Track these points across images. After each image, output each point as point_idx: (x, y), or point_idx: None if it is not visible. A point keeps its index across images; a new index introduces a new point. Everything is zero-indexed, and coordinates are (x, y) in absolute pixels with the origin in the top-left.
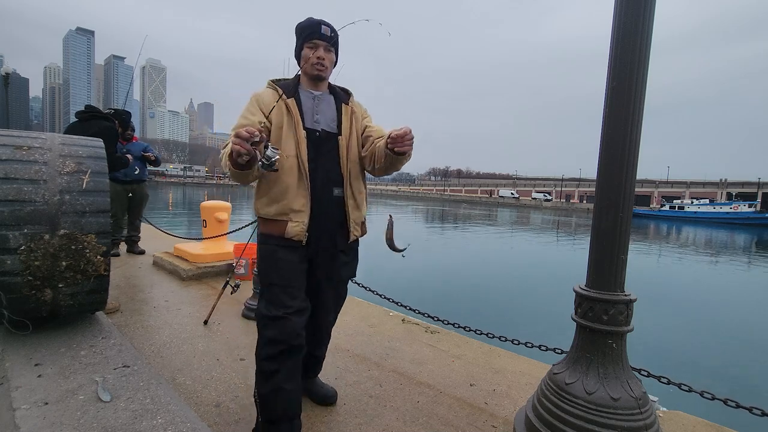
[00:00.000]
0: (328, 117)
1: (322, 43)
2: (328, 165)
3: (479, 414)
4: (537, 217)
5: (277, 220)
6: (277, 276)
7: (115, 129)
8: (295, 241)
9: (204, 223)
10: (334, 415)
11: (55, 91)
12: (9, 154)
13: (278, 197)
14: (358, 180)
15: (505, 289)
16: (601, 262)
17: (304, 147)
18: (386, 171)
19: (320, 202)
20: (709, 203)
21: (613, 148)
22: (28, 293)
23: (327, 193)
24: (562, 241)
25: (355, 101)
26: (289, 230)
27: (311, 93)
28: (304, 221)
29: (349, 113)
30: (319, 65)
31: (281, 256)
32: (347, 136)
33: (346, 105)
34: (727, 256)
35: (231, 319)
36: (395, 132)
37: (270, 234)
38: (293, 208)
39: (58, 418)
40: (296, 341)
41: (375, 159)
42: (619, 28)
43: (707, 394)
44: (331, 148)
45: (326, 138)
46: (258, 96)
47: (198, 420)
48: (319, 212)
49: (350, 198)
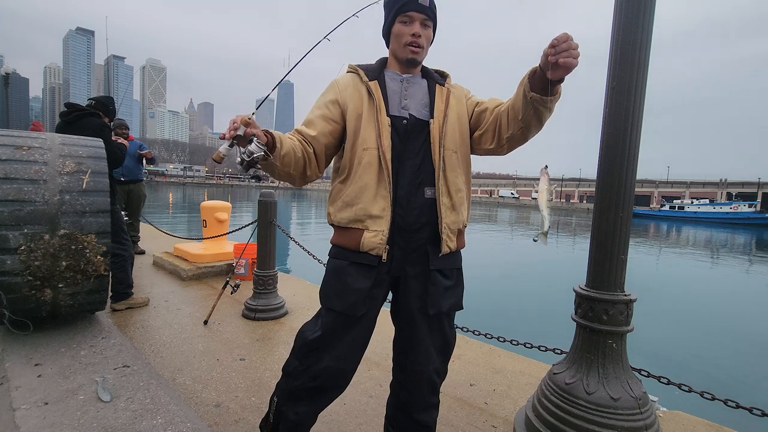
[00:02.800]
0: (418, 102)
1: (420, 16)
2: (419, 158)
3: (479, 414)
4: (537, 216)
5: (351, 228)
6: (338, 301)
7: (107, 125)
8: (373, 256)
9: (204, 223)
10: (334, 415)
11: (55, 91)
12: (9, 154)
13: (353, 200)
14: (457, 174)
15: (505, 289)
16: (601, 262)
17: (387, 137)
18: (525, 133)
19: (407, 206)
20: (709, 203)
21: (613, 148)
22: (28, 293)
23: (416, 194)
24: (562, 241)
25: (453, 83)
26: (366, 241)
27: (398, 75)
28: (384, 230)
29: (445, 94)
30: (414, 45)
31: (349, 277)
32: (440, 121)
33: (441, 86)
34: (727, 256)
35: (231, 319)
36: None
37: (341, 246)
38: (371, 213)
39: (58, 418)
40: (338, 381)
41: (504, 123)
42: (619, 28)
43: (707, 394)
44: (423, 138)
45: (416, 126)
46: (336, 81)
47: (198, 420)
48: (404, 220)
49: (444, 196)
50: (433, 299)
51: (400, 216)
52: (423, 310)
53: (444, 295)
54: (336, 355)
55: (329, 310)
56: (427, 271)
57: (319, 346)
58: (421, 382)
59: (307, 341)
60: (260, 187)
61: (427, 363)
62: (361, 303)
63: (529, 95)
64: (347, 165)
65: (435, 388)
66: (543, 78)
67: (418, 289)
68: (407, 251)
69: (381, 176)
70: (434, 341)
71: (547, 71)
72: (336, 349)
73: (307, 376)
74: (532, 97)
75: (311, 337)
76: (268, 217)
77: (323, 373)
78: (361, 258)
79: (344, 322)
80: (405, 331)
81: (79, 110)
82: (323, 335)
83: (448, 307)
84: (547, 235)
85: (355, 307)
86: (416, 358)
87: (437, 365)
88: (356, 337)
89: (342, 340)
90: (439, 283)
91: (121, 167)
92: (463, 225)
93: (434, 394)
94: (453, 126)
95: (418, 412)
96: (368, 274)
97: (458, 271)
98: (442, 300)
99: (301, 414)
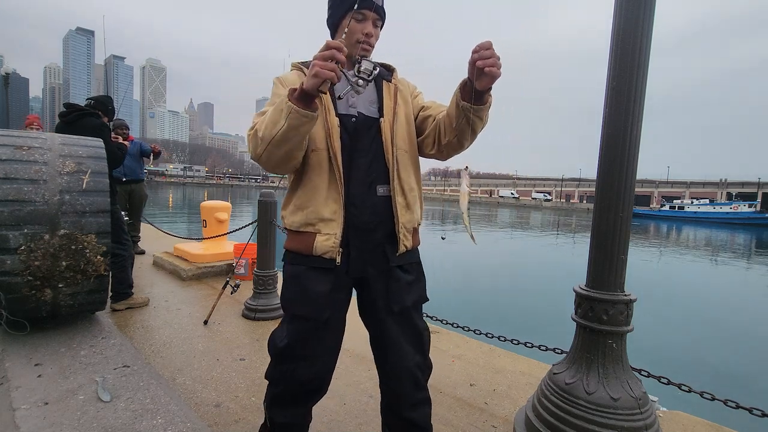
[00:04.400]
0: (366, 99)
1: (373, 15)
2: (370, 157)
3: (479, 414)
4: (537, 217)
5: (303, 233)
6: (301, 307)
7: (107, 125)
8: (326, 260)
9: (204, 223)
10: (334, 414)
11: (55, 91)
12: (9, 154)
13: (304, 203)
14: (409, 173)
15: (505, 289)
16: (601, 262)
17: (337, 138)
18: (460, 141)
19: (359, 207)
20: (709, 203)
21: (613, 149)
22: (28, 293)
23: (369, 193)
24: (562, 241)
25: (399, 78)
26: (318, 245)
27: (344, 72)
28: (337, 233)
29: (392, 91)
30: (367, 44)
31: (309, 281)
32: (391, 119)
33: (388, 83)
34: (726, 256)
35: (231, 319)
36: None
37: (295, 251)
38: (322, 217)
39: (58, 418)
40: (317, 385)
41: (442, 130)
42: (619, 28)
43: (707, 395)
44: (373, 136)
45: (365, 124)
46: (282, 78)
47: (198, 420)
48: (358, 220)
49: (399, 195)
50: (396, 296)
51: (355, 216)
52: (388, 307)
53: (407, 290)
54: (310, 361)
55: (294, 317)
56: (387, 269)
57: (290, 354)
58: (403, 379)
59: (278, 349)
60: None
61: (405, 359)
62: (324, 307)
63: (460, 104)
64: (298, 168)
65: (419, 383)
66: (471, 88)
67: (381, 287)
68: (364, 251)
69: (332, 178)
70: (406, 337)
71: (474, 80)
72: (308, 354)
73: (287, 383)
74: (463, 105)
75: (281, 345)
76: (268, 217)
77: (300, 379)
78: (316, 262)
79: (311, 328)
80: (376, 331)
81: (78, 110)
82: (291, 342)
83: (412, 302)
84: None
85: (319, 312)
86: (393, 356)
87: (417, 360)
88: (326, 341)
89: (312, 345)
90: (401, 280)
91: (122, 167)
92: (417, 223)
93: (420, 390)
94: (402, 125)
95: (407, 410)
96: (327, 278)
97: (418, 264)
98: (405, 295)
99: (291, 416)
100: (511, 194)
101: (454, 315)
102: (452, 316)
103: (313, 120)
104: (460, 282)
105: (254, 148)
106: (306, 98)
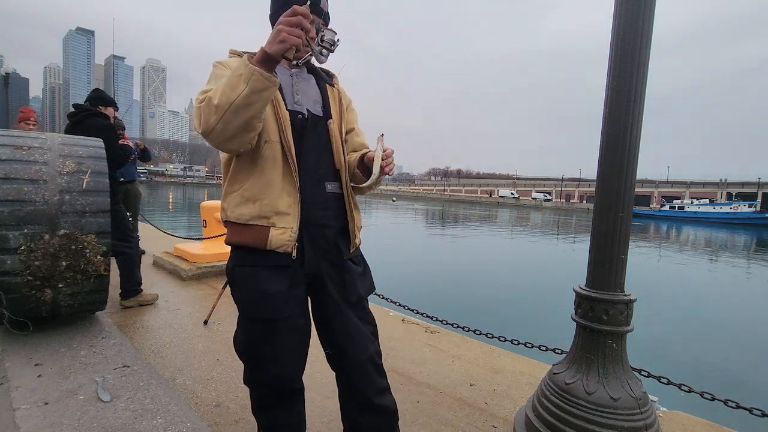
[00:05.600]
0: (310, 98)
1: (318, 19)
2: (317, 155)
3: (479, 414)
4: (537, 217)
5: (254, 226)
6: (259, 308)
7: (112, 126)
8: (281, 254)
9: (204, 223)
10: (334, 414)
11: (55, 91)
12: (9, 154)
13: (257, 195)
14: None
15: (505, 289)
16: (601, 262)
17: (289, 131)
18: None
19: (310, 202)
20: (709, 203)
21: (613, 149)
22: (28, 293)
23: (318, 189)
24: (562, 241)
25: (340, 86)
26: (273, 239)
27: (287, 69)
28: (293, 227)
29: (337, 97)
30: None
31: (265, 282)
32: (338, 122)
33: (331, 87)
34: (726, 256)
35: (231, 319)
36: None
37: (245, 246)
38: (278, 210)
39: (58, 418)
40: (291, 385)
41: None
42: (619, 28)
43: (707, 394)
44: (320, 135)
45: (313, 122)
46: (223, 62)
47: (198, 420)
48: (311, 215)
49: (351, 196)
50: (351, 287)
51: (309, 211)
52: (346, 299)
53: (360, 280)
54: (278, 362)
55: (252, 319)
56: (340, 263)
57: (255, 356)
58: (367, 367)
59: (243, 353)
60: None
61: (367, 349)
62: (283, 305)
63: (353, 170)
64: (246, 157)
65: (380, 370)
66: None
67: (337, 280)
68: (317, 246)
69: (286, 171)
70: (366, 326)
71: (369, 166)
72: (276, 355)
73: (261, 386)
74: (355, 173)
75: (241, 349)
76: None
77: (272, 381)
78: (269, 258)
79: (271, 329)
80: (336, 323)
81: (85, 110)
82: (254, 345)
83: (365, 291)
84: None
85: (278, 311)
86: (357, 345)
87: (376, 347)
88: (290, 340)
89: (275, 345)
90: (353, 271)
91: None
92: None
93: (382, 376)
94: (344, 130)
95: (378, 398)
96: (283, 276)
97: (362, 257)
98: (359, 286)
99: (276, 417)
100: (511, 194)
101: (454, 315)
102: (452, 316)
103: (275, 86)
104: (460, 282)
105: (206, 119)
106: (268, 62)
